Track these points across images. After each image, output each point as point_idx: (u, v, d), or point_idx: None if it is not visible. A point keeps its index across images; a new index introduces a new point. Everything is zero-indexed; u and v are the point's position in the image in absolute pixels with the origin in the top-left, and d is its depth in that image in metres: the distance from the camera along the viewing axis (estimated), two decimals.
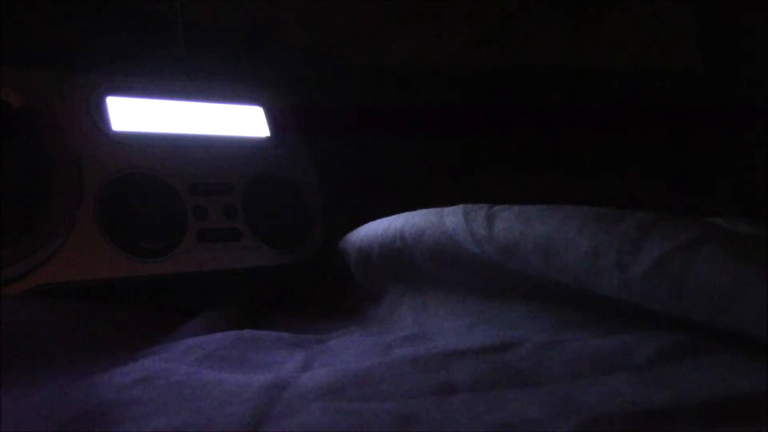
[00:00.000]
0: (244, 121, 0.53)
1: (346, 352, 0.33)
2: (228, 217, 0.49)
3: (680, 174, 0.67)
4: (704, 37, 0.71)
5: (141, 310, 0.42)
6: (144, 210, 0.45)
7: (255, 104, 0.54)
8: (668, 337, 0.27)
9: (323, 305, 0.51)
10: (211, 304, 0.45)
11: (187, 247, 0.46)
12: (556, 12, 0.71)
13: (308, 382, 0.27)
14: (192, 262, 0.46)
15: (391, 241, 0.42)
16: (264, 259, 0.50)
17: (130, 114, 0.48)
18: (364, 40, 0.68)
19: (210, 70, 0.55)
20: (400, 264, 0.42)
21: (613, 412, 0.21)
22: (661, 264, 0.27)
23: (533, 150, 0.68)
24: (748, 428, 0.20)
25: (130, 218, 0.44)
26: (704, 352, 0.26)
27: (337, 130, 0.62)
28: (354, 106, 0.64)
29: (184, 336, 0.36)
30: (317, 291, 0.53)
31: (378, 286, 0.46)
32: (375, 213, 0.46)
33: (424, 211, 0.40)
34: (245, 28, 0.64)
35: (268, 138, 0.54)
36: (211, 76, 0.54)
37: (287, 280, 0.52)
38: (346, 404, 0.24)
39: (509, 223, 0.33)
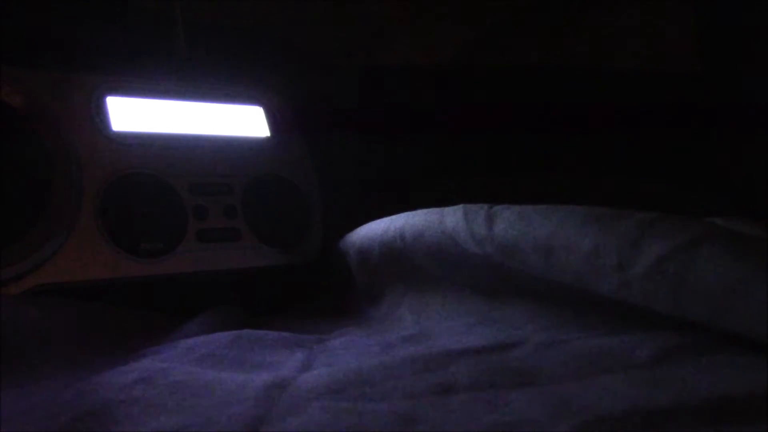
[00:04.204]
0: (244, 121, 0.53)
1: (346, 352, 0.33)
2: (228, 217, 0.49)
3: (680, 174, 0.67)
4: (704, 37, 0.71)
5: (141, 310, 0.42)
6: (144, 210, 0.45)
7: (255, 104, 0.54)
8: (668, 337, 0.27)
9: (323, 305, 0.51)
10: (211, 304, 0.45)
11: (187, 247, 0.46)
12: (556, 12, 0.71)
13: (308, 382, 0.27)
14: (192, 262, 0.46)
15: (391, 241, 0.42)
16: (264, 259, 0.50)
17: (130, 114, 0.48)
18: (364, 40, 0.68)
19: (210, 70, 0.55)
20: (400, 264, 0.42)
21: (613, 412, 0.21)
22: (661, 264, 0.27)
23: (533, 150, 0.68)
24: (748, 428, 0.20)
25: (130, 218, 0.44)
26: (704, 352, 0.26)
27: (337, 130, 0.62)
28: (354, 106, 0.64)
29: (184, 336, 0.36)
30: (317, 291, 0.53)
31: (378, 286, 0.46)
32: (375, 213, 0.46)
33: (424, 211, 0.40)
34: (245, 28, 0.64)
35: (268, 138, 0.54)
36: (211, 76, 0.54)
37: (287, 280, 0.52)
38: (346, 404, 0.24)
39: (509, 223, 0.33)
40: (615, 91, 0.70)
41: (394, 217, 0.43)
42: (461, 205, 0.37)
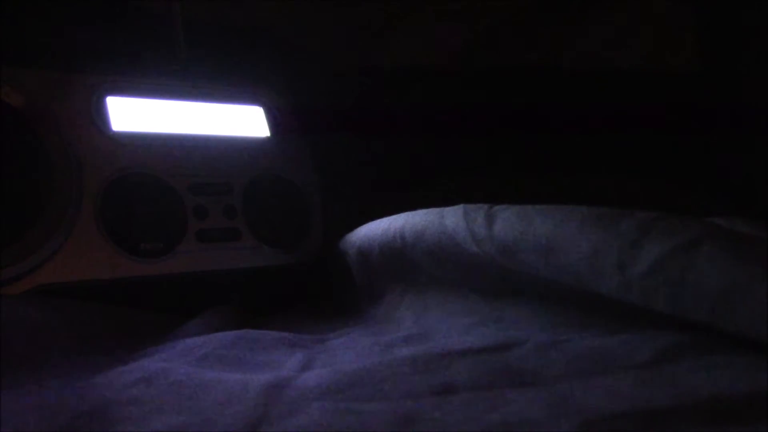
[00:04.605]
0: (244, 121, 0.53)
1: (346, 352, 0.33)
2: (228, 217, 0.49)
3: (680, 174, 0.67)
4: (704, 37, 0.71)
5: (141, 310, 0.42)
6: (144, 210, 0.45)
7: (255, 104, 0.54)
8: (668, 337, 0.27)
9: (323, 305, 0.51)
10: (211, 304, 0.45)
11: (187, 247, 0.46)
12: (556, 12, 0.71)
13: (308, 382, 0.27)
14: (192, 262, 0.46)
15: (391, 241, 0.42)
16: (264, 259, 0.50)
17: (130, 114, 0.48)
18: (364, 40, 0.68)
19: (210, 70, 0.55)
20: (400, 264, 0.42)
21: (613, 412, 0.21)
22: (661, 264, 0.27)
23: (533, 150, 0.68)
24: (748, 428, 0.20)
25: (130, 218, 0.44)
26: (704, 352, 0.26)
27: (337, 130, 0.62)
28: (354, 106, 0.64)
29: (184, 336, 0.36)
30: (317, 291, 0.53)
31: (378, 286, 0.46)
32: (375, 213, 0.46)
33: (424, 211, 0.40)
34: (245, 28, 0.64)
35: (268, 138, 0.54)
36: (211, 76, 0.54)
37: (287, 280, 0.52)
38: (346, 404, 0.24)
39: (509, 223, 0.33)
40: (615, 91, 0.70)
41: (394, 217, 0.43)
42: (461, 205, 0.37)
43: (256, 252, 0.49)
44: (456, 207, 0.37)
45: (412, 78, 0.69)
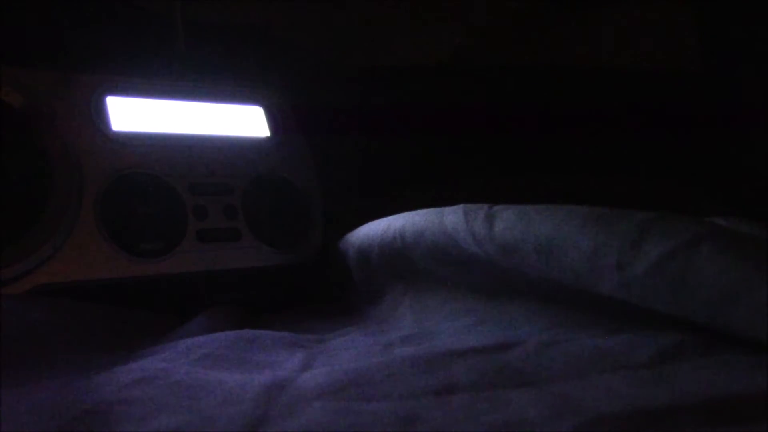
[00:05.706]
0: (244, 121, 0.53)
1: (346, 352, 0.33)
2: (228, 217, 0.49)
3: (680, 174, 0.67)
4: (704, 37, 0.71)
5: (141, 310, 0.42)
6: (144, 210, 0.45)
7: (255, 104, 0.54)
8: (668, 337, 0.27)
9: (323, 305, 0.51)
10: (211, 304, 0.45)
11: (187, 247, 0.46)
12: (556, 12, 0.71)
13: (308, 382, 0.27)
14: (192, 262, 0.46)
15: (391, 241, 0.42)
16: (264, 259, 0.50)
17: (130, 114, 0.48)
18: (364, 40, 0.68)
19: (210, 70, 0.55)
20: (400, 264, 0.42)
21: (613, 412, 0.21)
22: (661, 264, 0.27)
23: (533, 150, 0.68)
24: (748, 428, 0.20)
25: (130, 218, 0.44)
26: (704, 352, 0.26)
27: (337, 130, 0.62)
28: (354, 106, 0.64)
29: (184, 336, 0.36)
30: (317, 291, 0.53)
31: (378, 286, 0.46)
32: (375, 213, 0.46)
33: (424, 211, 0.40)
34: (245, 28, 0.64)
35: (268, 138, 0.54)
36: (211, 76, 0.54)
37: (287, 280, 0.52)
38: (346, 404, 0.24)
39: (509, 223, 0.33)
40: (615, 91, 0.70)
41: (394, 217, 0.43)
42: (461, 205, 0.37)
43: (256, 252, 0.49)
44: (456, 207, 0.37)
45: (412, 78, 0.69)
